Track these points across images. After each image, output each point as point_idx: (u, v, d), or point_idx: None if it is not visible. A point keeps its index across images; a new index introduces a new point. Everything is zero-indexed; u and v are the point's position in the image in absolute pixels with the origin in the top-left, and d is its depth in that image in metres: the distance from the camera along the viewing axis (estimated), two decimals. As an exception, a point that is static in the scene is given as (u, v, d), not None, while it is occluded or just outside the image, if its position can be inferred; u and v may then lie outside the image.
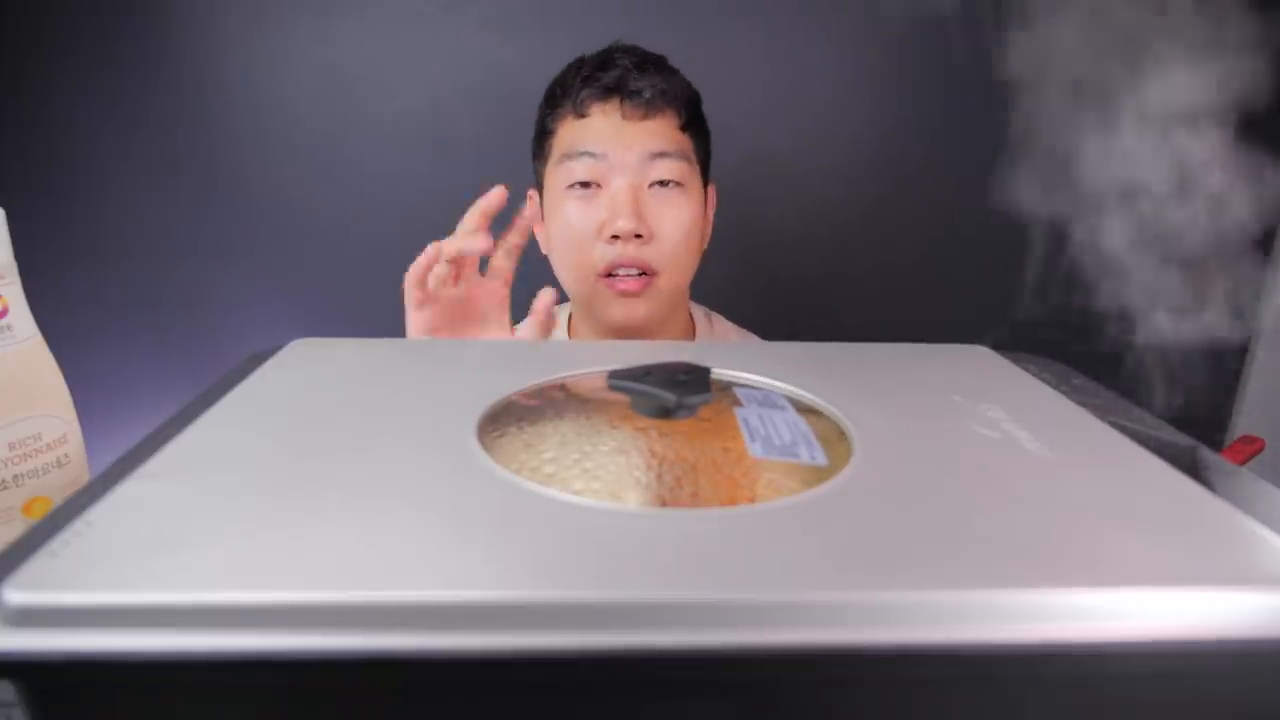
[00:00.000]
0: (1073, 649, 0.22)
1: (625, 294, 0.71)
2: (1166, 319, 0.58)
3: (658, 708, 0.23)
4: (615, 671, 0.22)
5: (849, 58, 1.10)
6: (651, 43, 0.77)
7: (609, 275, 0.71)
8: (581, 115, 0.72)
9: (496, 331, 0.63)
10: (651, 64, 0.73)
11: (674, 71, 0.75)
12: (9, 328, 0.41)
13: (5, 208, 0.41)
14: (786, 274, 1.15)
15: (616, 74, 0.71)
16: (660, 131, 0.71)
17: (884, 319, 1.17)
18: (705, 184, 0.78)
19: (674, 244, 0.71)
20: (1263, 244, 1.16)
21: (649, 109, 0.71)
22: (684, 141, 0.73)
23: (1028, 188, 0.73)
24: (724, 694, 0.23)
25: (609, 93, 0.71)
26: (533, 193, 0.79)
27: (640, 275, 0.71)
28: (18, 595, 0.20)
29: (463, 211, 0.59)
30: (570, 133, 0.72)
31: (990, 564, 0.23)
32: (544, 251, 0.78)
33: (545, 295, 0.60)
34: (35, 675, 0.21)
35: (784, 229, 1.12)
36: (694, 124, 0.75)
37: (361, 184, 1.11)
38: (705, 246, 0.79)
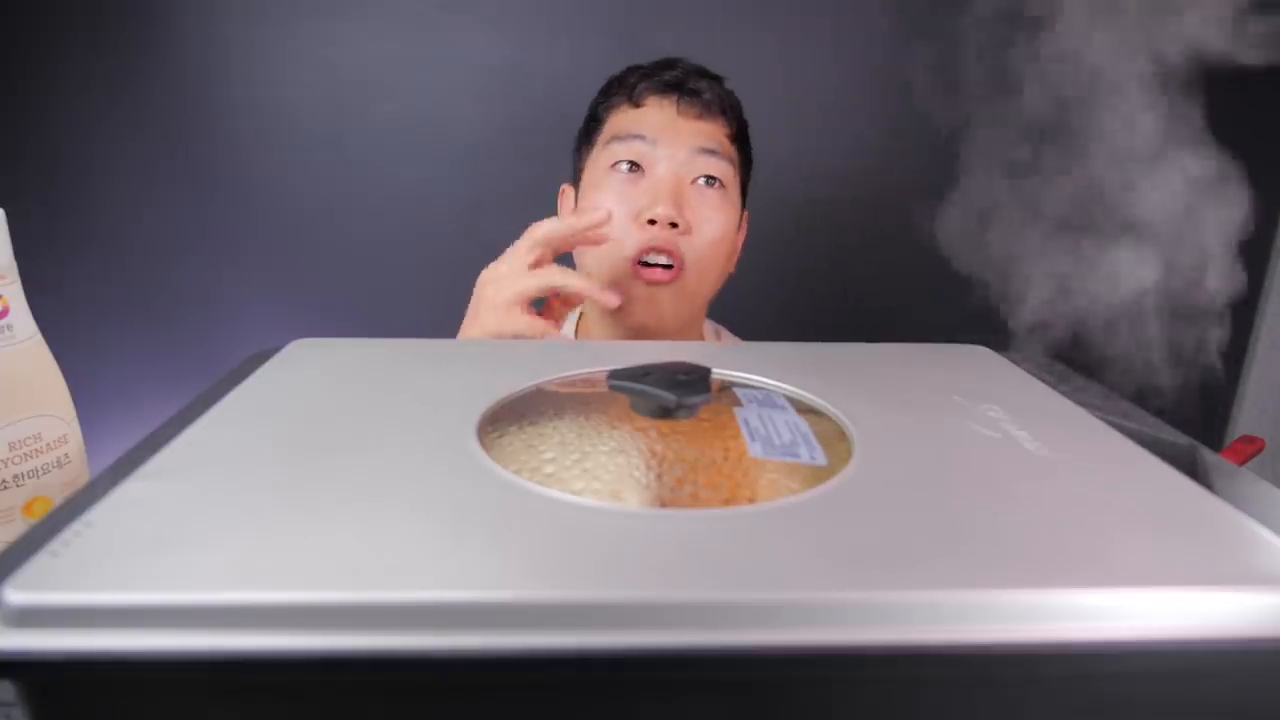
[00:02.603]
0: (1073, 649, 0.22)
1: (652, 284, 0.70)
2: (1166, 317, 0.58)
3: (657, 708, 0.23)
4: (615, 671, 0.22)
5: (849, 59, 1.10)
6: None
7: (639, 264, 0.70)
8: (637, 105, 0.74)
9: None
10: (709, 75, 0.76)
11: (730, 91, 0.77)
12: (9, 328, 0.41)
13: (5, 208, 0.41)
14: (786, 274, 1.15)
15: (676, 74, 0.74)
16: (710, 132, 0.73)
17: (884, 319, 1.17)
18: (742, 206, 0.78)
19: (708, 241, 0.71)
20: (1262, 242, 1.16)
21: (704, 110, 0.73)
22: (731, 150, 0.74)
23: (1027, 188, 0.73)
24: (724, 694, 0.23)
25: (667, 88, 0.73)
26: (566, 187, 0.80)
27: (669, 267, 0.70)
28: (18, 595, 0.20)
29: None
30: (623, 118, 0.74)
31: (990, 564, 0.23)
32: None
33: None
34: (35, 675, 0.21)
35: (783, 230, 1.12)
36: (740, 142, 0.77)
37: (362, 184, 1.11)
38: (732, 270, 0.79)
